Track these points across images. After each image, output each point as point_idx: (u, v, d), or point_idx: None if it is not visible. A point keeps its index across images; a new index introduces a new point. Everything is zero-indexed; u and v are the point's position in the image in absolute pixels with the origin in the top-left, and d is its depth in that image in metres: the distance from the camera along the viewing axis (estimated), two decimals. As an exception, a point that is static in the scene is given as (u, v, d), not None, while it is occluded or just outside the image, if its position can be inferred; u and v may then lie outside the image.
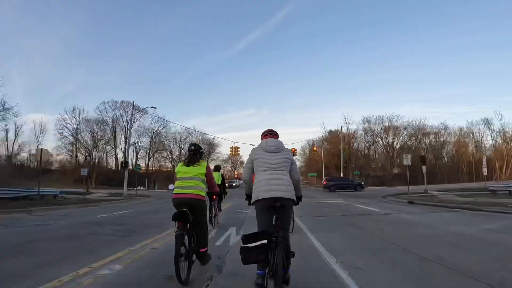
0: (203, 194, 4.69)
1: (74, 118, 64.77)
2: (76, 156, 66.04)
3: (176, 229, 4.22)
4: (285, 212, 3.64)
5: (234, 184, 59.97)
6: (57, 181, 54.62)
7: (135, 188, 50.48)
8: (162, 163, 73.05)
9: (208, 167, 4.83)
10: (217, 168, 11.41)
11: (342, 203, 18.47)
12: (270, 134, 4.19)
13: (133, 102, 30.90)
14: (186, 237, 4.24)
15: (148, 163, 72.89)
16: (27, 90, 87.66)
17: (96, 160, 66.48)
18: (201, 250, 4.61)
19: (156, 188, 55.25)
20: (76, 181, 55.28)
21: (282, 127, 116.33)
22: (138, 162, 72.57)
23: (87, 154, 65.50)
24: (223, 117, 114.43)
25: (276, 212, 3.54)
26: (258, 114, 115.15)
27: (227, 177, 58.71)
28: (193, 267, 4.39)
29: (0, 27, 79.41)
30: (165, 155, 70.93)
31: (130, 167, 38.59)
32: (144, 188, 53.00)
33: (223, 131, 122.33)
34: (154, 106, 31.83)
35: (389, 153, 70.79)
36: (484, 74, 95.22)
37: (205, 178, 4.75)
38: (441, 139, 71.50)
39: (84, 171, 26.36)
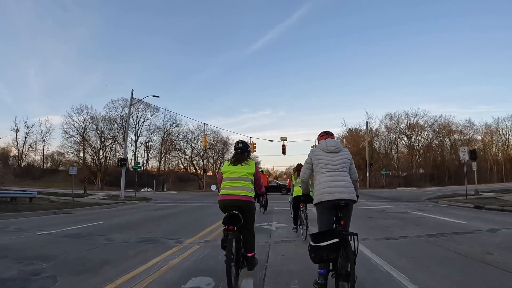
0: (252, 195, 4.41)
1: (81, 117, 62.45)
2: (84, 156, 63.40)
3: (227, 233, 3.99)
4: (348, 212, 3.72)
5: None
6: (63, 182, 52.85)
7: (142, 190, 48.02)
8: (174, 163, 69.85)
9: (256, 166, 4.57)
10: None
11: (394, 210, 14.61)
12: (326, 134, 4.23)
13: (132, 90, 26.66)
14: (234, 242, 3.98)
15: (160, 164, 70.25)
16: (43, 92, 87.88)
17: (103, 160, 63.37)
18: (249, 254, 4.39)
19: (164, 190, 51.62)
20: (83, 182, 54.58)
21: (299, 128, 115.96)
22: (149, 162, 70.55)
23: (94, 153, 62.43)
24: (238, 118, 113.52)
25: (338, 212, 3.66)
26: (274, 115, 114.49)
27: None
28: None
29: (17, 29, 79.59)
30: (176, 154, 67.26)
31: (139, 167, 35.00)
32: (151, 190, 49.65)
33: (238, 132, 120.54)
34: (157, 95, 27.66)
35: (414, 152, 65.86)
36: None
37: (253, 178, 4.46)
38: (467, 137, 66.21)
39: (72, 170, 22.94)
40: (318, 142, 4.20)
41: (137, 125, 66.95)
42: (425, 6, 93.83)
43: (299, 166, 9.60)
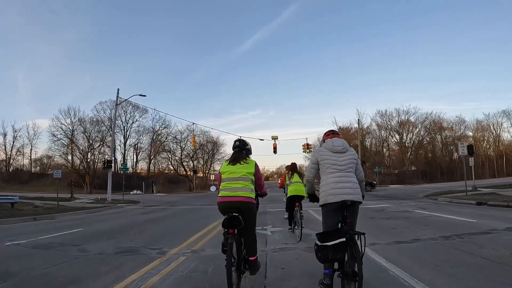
0: (253, 196, 4.19)
1: (69, 119, 61.00)
2: (72, 159, 61.83)
3: (227, 236, 3.79)
4: (354, 212, 3.68)
5: None
6: (51, 186, 51.16)
7: (131, 192, 46.87)
8: (164, 165, 68.68)
9: (256, 165, 4.35)
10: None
11: (395, 209, 13.83)
12: (333, 133, 4.10)
13: (118, 89, 25.57)
14: (235, 245, 3.81)
15: (149, 165, 68.89)
16: (31, 95, 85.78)
17: (92, 163, 61.78)
18: (251, 258, 4.13)
19: (154, 192, 50.37)
20: (70, 185, 53.32)
21: (290, 128, 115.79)
22: (139, 165, 69.15)
23: (82, 156, 60.87)
24: (229, 118, 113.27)
25: (344, 211, 3.61)
26: (264, 115, 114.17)
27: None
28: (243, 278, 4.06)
29: (5, 32, 78.87)
30: (165, 156, 65.96)
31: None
32: (141, 192, 48.43)
33: (228, 132, 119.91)
34: (143, 94, 26.49)
35: (406, 149, 65.49)
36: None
37: (253, 178, 4.26)
38: (458, 134, 66.21)
39: (57, 173, 21.95)
40: (324, 141, 4.07)
41: (125, 127, 65.96)
42: (414, 3, 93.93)
43: (293, 165, 9.27)
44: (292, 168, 9.07)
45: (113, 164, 26.92)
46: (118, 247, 7.32)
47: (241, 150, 4.45)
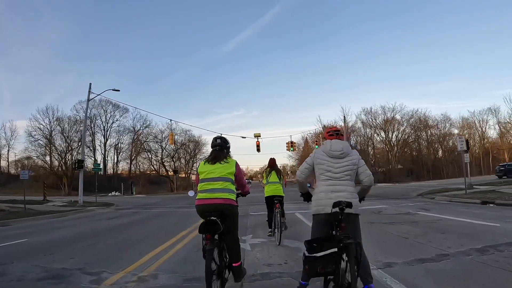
0: (234, 197, 3.87)
1: (47, 119, 57.77)
2: (50, 160, 58.92)
3: (204, 243, 3.50)
4: (353, 222, 3.27)
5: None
6: (28, 188, 48.15)
7: (109, 194, 44.68)
8: (146, 166, 66.06)
9: (237, 164, 4.01)
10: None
11: (394, 211, 12.21)
12: (336, 134, 3.68)
13: (90, 84, 23.47)
14: (216, 251, 3.51)
15: (130, 166, 66.33)
16: (11, 97, 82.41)
17: (70, 164, 58.73)
18: (234, 264, 3.79)
19: (133, 193, 48.03)
20: (50, 187, 51.44)
21: (273, 127, 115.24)
22: (120, 165, 66.47)
23: (60, 157, 57.98)
24: (212, 119, 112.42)
25: (339, 215, 3.12)
26: (247, 114, 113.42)
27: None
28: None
29: None
30: (146, 156, 63.64)
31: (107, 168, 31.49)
32: (119, 194, 46.13)
33: (211, 130, 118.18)
34: (117, 89, 24.41)
35: (391, 147, 64.46)
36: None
37: (234, 178, 3.93)
38: (443, 131, 65.81)
39: (24, 174, 20.06)
40: (324, 140, 3.83)
41: (105, 127, 63.38)
42: (400, 2, 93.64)
43: (271, 161, 8.31)
44: (271, 165, 8.17)
45: (78, 163, 24.47)
46: (47, 269, 5.43)
47: (222, 148, 4.09)
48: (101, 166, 54.15)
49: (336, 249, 2.85)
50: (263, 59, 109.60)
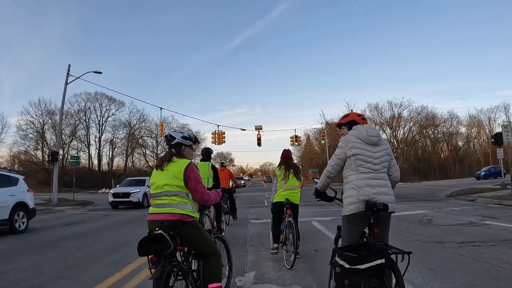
0: (188, 210, 2.86)
1: (40, 111, 55.50)
2: (42, 154, 56.36)
3: (150, 269, 2.53)
4: (385, 221, 2.75)
5: (242, 182, 45.45)
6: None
7: (99, 191, 42.03)
8: (142, 162, 64.46)
9: (191, 164, 2.91)
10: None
11: (448, 222, 9.64)
12: (363, 119, 3.03)
13: (69, 65, 20.47)
14: (174, 275, 2.62)
15: (126, 162, 64.26)
16: (16, 91, 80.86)
17: (63, 159, 55.98)
18: (211, 285, 2.88)
19: (124, 190, 45.08)
20: (41, 183, 49.43)
21: (276, 124, 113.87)
22: (115, 161, 63.86)
23: (51, 152, 55.03)
24: (215, 115, 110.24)
25: (370, 220, 2.66)
26: (250, 112, 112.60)
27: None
28: None
29: None
30: (141, 152, 61.38)
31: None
32: (109, 191, 43.37)
33: (209, 126, 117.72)
34: (99, 71, 21.40)
35: (398, 144, 61.49)
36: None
37: (182, 183, 2.87)
38: (450, 130, 63.61)
39: None
40: (340, 126, 3.11)
41: (101, 121, 60.92)
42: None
43: (286, 153, 5.88)
44: (285, 159, 5.78)
45: (52, 155, 21.39)
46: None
47: (176, 146, 3.01)
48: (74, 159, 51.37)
49: (383, 260, 2.24)
50: (267, 56, 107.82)
